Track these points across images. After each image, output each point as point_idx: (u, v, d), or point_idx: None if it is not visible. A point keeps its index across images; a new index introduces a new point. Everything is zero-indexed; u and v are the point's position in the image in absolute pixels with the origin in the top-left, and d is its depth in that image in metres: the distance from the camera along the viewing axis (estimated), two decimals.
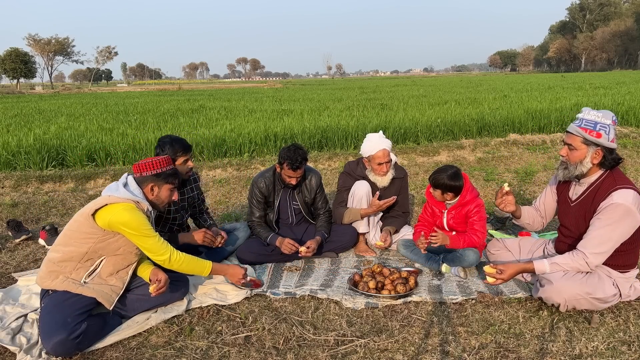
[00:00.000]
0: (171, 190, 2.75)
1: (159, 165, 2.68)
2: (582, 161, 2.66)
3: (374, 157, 3.64)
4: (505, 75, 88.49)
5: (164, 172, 2.70)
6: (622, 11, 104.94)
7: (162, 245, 2.62)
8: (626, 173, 6.17)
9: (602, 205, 2.59)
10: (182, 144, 3.21)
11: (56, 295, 2.51)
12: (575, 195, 2.81)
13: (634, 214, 2.52)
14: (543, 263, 2.71)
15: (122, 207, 2.52)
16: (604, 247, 2.56)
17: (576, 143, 2.66)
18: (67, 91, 49.18)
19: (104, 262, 2.61)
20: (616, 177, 2.63)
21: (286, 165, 3.43)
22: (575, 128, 2.65)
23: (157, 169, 2.67)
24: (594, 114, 2.63)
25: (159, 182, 2.69)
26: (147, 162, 2.67)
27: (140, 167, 2.67)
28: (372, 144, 3.65)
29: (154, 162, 2.68)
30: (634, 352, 2.34)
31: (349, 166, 3.90)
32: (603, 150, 2.62)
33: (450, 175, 3.25)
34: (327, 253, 3.68)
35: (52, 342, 2.31)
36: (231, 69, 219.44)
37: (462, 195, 3.33)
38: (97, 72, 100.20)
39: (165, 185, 2.71)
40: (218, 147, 7.90)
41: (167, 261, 2.64)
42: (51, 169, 7.05)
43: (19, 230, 4.14)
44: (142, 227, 2.53)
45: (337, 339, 2.51)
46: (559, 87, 23.42)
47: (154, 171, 2.66)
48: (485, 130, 9.49)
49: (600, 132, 2.59)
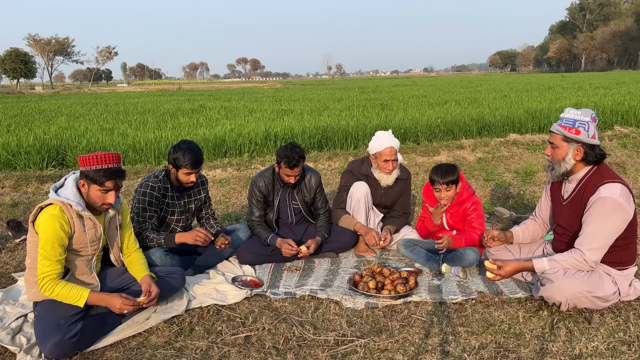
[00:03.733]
0: (101, 192, 2.48)
1: (88, 162, 2.45)
2: (564, 158, 2.73)
3: (381, 154, 3.64)
4: (505, 75, 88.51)
5: (92, 170, 2.45)
6: (622, 11, 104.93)
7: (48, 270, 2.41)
8: (626, 173, 6.17)
9: (591, 200, 2.63)
10: (194, 158, 3.19)
11: (47, 302, 2.49)
12: (567, 194, 2.85)
13: (624, 206, 2.56)
14: (542, 261, 2.73)
15: (46, 215, 2.42)
16: (599, 243, 2.59)
17: (557, 141, 2.75)
18: (67, 91, 49.20)
19: (69, 264, 2.56)
20: (603, 172, 2.69)
21: (283, 164, 3.43)
22: (556, 127, 2.75)
23: (86, 166, 2.46)
24: (574, 113, 2.72)
25: (87, 180, 2.48)
26: (85, 157, 2.46)
27: (79, 160, 2.48)
28: (381, 140, 3.65)
29: (86, 158, 2.46)
30: (634, 352, 2.34)
31: (353, 164, 3.89)
32: (584, 147, 2.68)
33: (443, 166, 3.42)
34: (327, 253, 3.68)
35: (48, 345, 2.30)
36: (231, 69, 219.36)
37: (459, 194, 3.42)
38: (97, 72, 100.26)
39: (93, 185, 2.47)
40: (218, 147, 7.90)
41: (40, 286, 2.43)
42: (51, 169, 7.06)
43: (19, 230, 4.14)
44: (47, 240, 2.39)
45: (337, 339, 2.51)
46: (559, 87, 23.43)
47: (82, 168, 2.48)
48: (485, 130, 9.50)
49: (579, 129, 2.67)
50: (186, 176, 3.23)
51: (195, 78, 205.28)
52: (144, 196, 3.23)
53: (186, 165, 3.18)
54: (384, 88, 30.89)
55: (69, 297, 2.43)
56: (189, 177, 3.24)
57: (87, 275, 2.62)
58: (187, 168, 3.19)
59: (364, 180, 3.77)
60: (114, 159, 2.51)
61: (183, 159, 3.16)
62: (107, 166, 2.47)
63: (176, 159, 3.18)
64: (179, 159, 3.17)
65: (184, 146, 3.20)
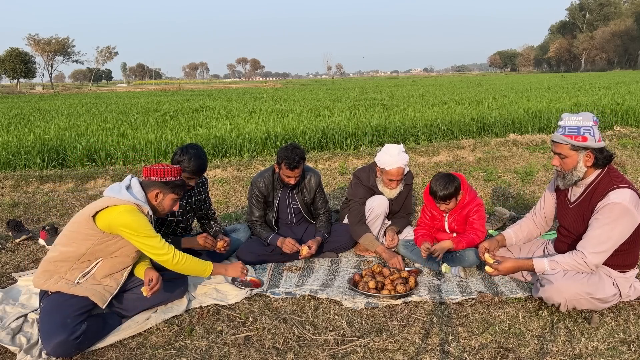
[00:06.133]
0: (174, 201, 2.74)
1: (169, 174, 2.67)
2: (575, 167, 2.67)
3: (387, 172, 3.58)
4: (505, 75, 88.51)
5: (173, 181, 2.68)
6: (622, 11, 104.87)
7: (164, 245, 2.60)
8: (626, 173, 6.17)
9: (600, 205, 2.60)
10: (198, 166, 3.19)
11: (55, 297, 2.51)
12: (574, 197, 2.82)
13: (632, 212, 2.53)
14: (542, 261, 2.72)
15: (123, 209, 2.50)
16: (603, 247, 2.57)
17: (565, 151, 2.67)
18: (67, 91, 49.16)
19: (100, 264, 2.60)
20: (613, 177, 2.64)
21: (284, 164, 3.43)
22: (560, 137, 2.66)
23: (167, 177, 2.66)
24: (574, 119, 2.64)
25: (166, 190, 2.68)
26: (159, 167, 2.66)
27: (151, 171, 2.66)
28: (391, 158, 3.53)
29: (166, 169, 2.66)
30: (634, 352, 2.34)
31: (361, 174, 3.79)
32: (593, 152, 2.63)
33: (443, 186, 3.24)
34: (327, 253, 3.68)
35: (52, 343, 2.31)
36: (231, 69, 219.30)
37: (461, 199, 3.36)
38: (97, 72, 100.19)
39: (170, 194, 2.70)
40: (218, 147, 7.90)
41: (170, 261, 2.61)
42: (51, 169, 7.05)
43: (19, 230, 4.14)
44: (143, 228, 2.52)
45: (337, 339, 2.51)
46: (559, 87, 23.42)
47: (163, 179, 2.65)
48: (485, 130, 9.49)
49: (585, 136, 2.61)
50: (186, 180, 3.23)
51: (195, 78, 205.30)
52: None
53: (189, 171, 3.17)
54: (384, 88, 30.89)
55: (198, 268, 2.73)
56: (189, 181, 3.24)
57: (111, 277, 2.65)
58: (190, 174, 3.19)
59: (370, 191, 3.74)
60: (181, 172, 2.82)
61: (188, 164, 3.15)
62: (181, 178, 2.76)
63: (180, 162, 3.16)
64: (183, 162, 3.15)
65: (191, 151, 3.18)
